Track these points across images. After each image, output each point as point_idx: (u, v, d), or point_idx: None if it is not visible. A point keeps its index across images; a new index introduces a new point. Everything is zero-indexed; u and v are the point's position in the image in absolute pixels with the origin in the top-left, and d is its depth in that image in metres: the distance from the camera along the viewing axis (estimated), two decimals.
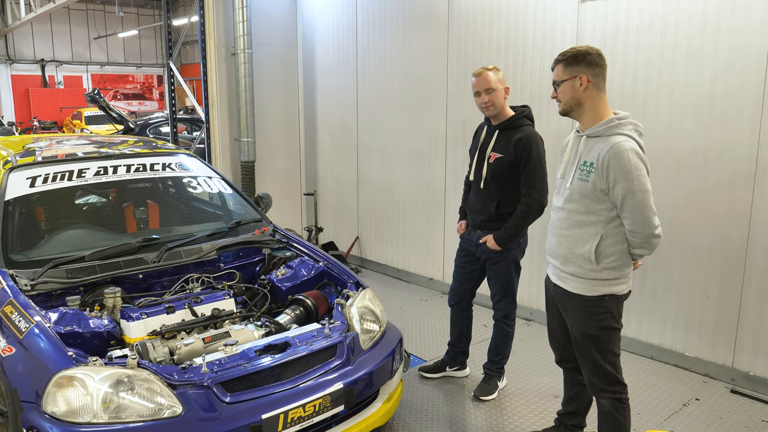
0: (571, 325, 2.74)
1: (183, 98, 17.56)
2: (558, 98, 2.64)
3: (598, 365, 2.67)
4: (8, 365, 2.58)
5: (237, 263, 3.67)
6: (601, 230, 2.55)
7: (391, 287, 5.91)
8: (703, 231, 3.84)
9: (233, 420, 2.46)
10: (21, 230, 3.40)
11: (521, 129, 3.41)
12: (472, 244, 3.64)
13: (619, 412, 2.70)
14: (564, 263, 2.68)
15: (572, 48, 2.61)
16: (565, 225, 2.67)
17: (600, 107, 2.57)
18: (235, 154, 6.57)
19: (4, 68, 22.93)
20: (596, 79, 2.54)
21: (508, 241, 3.44)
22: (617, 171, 2.43)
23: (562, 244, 2.68)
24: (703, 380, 3.90)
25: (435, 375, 3.97)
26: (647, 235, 2.48)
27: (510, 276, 3.59)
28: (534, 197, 3.36)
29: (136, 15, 25.53)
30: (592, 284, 2.60)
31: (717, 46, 3.65)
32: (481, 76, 3.38)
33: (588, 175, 2.54)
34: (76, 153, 3.95)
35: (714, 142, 3.72)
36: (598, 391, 2.72)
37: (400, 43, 5.72)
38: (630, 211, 2.45)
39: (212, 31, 6.33)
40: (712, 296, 3.86)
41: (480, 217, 3.57)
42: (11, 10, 19.81)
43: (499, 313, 3.69)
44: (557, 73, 2.60)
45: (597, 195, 2.53)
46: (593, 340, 2.65)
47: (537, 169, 3.35)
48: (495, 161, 3.43)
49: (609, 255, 2.56)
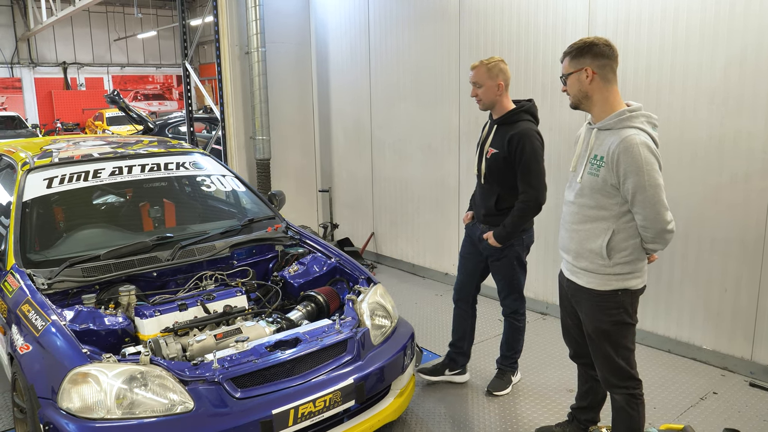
0: (584, 319, 2.71)
1: (202, 98, 17.72)
2: (567, 91, 2.61)
3: (611, 360, 2.63)
4: (26, 362, 2.65)
5: (250, 260, 3.71)
6: (612, 225, 2.50)
7: (407, 282, 5.92)
8: (719, 222, 3.78)
9: (244, 415, 2.50)
10: (38, 230, 3.47)
11: (516, 125, 3.33)
12: (475, 236, 3.60)
13: (633, 408, 2.65)
14: (576, 258, 2.65)
15: (580, 39, 2.55)
16: (576, 220, 2.63)
17: (610, 99, 2.51)
18: (251, 152, 6.62)
19: (27, 71, 23.36)
20: (603, 71, 2.48)
21: (507, 238, 3.39)
22: (627, 165, 2.37)
23: (574, 239, 2.65)
24: (721, 373, 3.85)
25: (434, 378, 3.84)
26: (659, 231, 2.43)
27: (513, 273, 3.54)
28: (530, 194, 3.30)
29: (155, 16, 25.79)
30: (605, 279, 2.55)
31: (731, 32, 3.57)
32: (473, 69, 3.35)
33: (598, 170, 2.49)
34: (92, 154, 4.02)
35: (729, 131, 3.66)
36: (611, 387, 2.69)
37: (412, 38, 5.71)
38: (641, 206, 2.40)
39: (226, 30, 6.38)
40: (729, 288, 3.80)
41: (482, 211, 3.53)
42: (33, 14, 20.18)
43: (507, 310, 3.66)
44: (564, 66, 2.57)
45: (607, 190, 2.48)
46: (606, 335, 2.61)
47: (532, 165, 3.27)
48: (491, 156, 3.38)
49: (621, 250, 2.51)
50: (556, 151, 4.60)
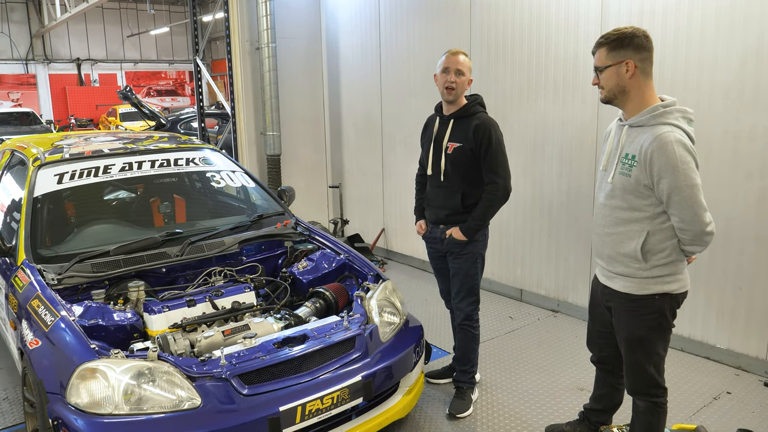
0: (617, 326, 2.58)
1: (214, 94, 17.77)
2: (600, 85, 2.44)
3: (641, 368, 2.51)
4: (35, 357, 2.66)
5: (259, 256, 3.70)
6: (647, 227, 2.37)
7: (417, 279, 5.90)
8: (734, 220, 3.71)
9: (251, 412, 2.49)
10: (49, 226, 3.49)
11: (477, 116, 3.29)
12: (437, 241, 3.46)
13: (655, 416, 2.56)
14: (610, 263, 2.52)
15: (616, 29, 2.38)
16: (608, 223, 2.50)
17: (646, 94, 2.37)
18: (261, 148, 6.63)
19: (42, 68, 23.55)
20: (644, 64, 2.34)
21: (476, 231, 3.30)
22: (662, 165, 2.24)
23: (607, 243, 2.52)
24: (735, 373, 3.79)
25: (441, 381, 3.80)
26: (698, 233, 2.28)
27: (473, 271, 3.39)
28: (498, 183, 3.24)
29: (168, 12, 25.88)
30: (642, 283, 2.42)
31: (748, 18, 3.48)
32: (456, 56, 3.28)
33: (630, 169, 2.36)
34: (102, 150, 4.03)
35: (745, 126, 3.59)
36: (636, 393, 2.59)
37: (423, 32, 5.67)
38: (678, 207, 2.27)
39: (236, 26, 6.38)
40: (744, 286, 3.74)
41: (444, 212, 3.39)
42: (47, 11, 20.34)
43: (461, 315, 3.45)
44: (600, 57, 2.40)
45: (640, 190, 2.35)
46: (640, 342, 2.49)
47: (498, 154, 3.23)
48: (454, 151, 3.30)
49: (659, 252, 2.38)
50: (568, 147, 4.55)
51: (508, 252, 5.18)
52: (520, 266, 5.12)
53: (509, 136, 3.72)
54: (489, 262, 3.67)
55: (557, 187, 4.68)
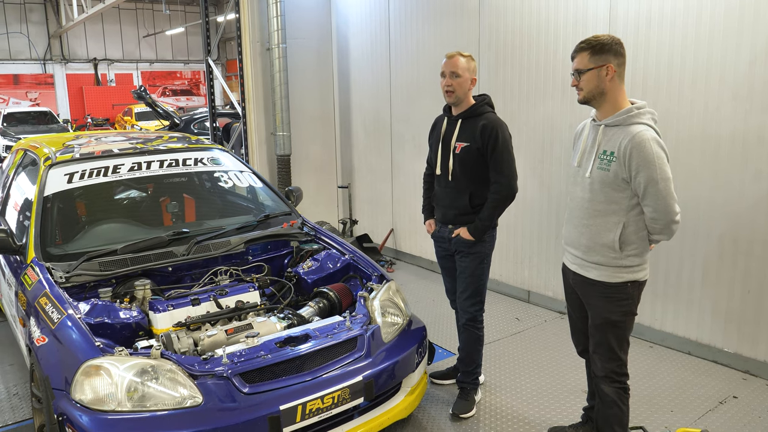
0: (592, 312, 2.75)
1: (227, 93, 17.89)
2: (579, 86, 2.62)
3: (613, 353, 2.69)
4: (42, 354, 2.71)
5: (265, 256, 3.73)
6: (623, 218, 2.57)
7: (426, 279, 5.90)
8: (742, 221, 3.68)
9: (252, 410, 2.51)
10: (58, 225, 3.54)
11: (484, 116, 3.29)
12: (445, 240, 3.47)
13: (624, 403, 2.73)
14: (587, 253, 2.69)
15: (594, 36, 2.59)
16: (586, 215, 2.68)
17: (620, 97, 2.58)
18: (272, 148, 6.66)
19: (59, 68, 23.87)
20: (620, 69, 2.55)
21: (483, 231, 3.30)
22: (640, 160, 2.45)
23: (584, 234, 2.69)
24: (742, 377, 3.75)
25: (446, 381, 3.80)
26: (668, 222, 2.50)
27: (480, 271, 3.39)
28: (503, 184, 3.24)
29: (183, 12, 26.12)
30: (616, 271, 2.61)
31: (757, 18, 3.45)
32: (451, 59, 3.27)
33: (609, 165, 2.55)
34: (112, 150, 4.08)
35: (753, 127, 3.55)
36: (606, 378, 2.73)
37: (432, 33, 5.67)
38: (652, 199, 2.47)
39: (247, 26, 6.42)
40: (752, 289, 3.70)
41: (452, 212, 3.40)
42: (65, 11, 20.60)
43: (465, 316, 3.45)
44: (582, 61, 2.58)
45: (618, 184, 2.54)
46: (613, 326, 2.67)
47: (504, 154, 3.23)
48: (462, 150, 3.30)
49: (632, 242, 2.58)
50: None
51: (515, 253, 5.16)
52: (528, 267, 5.11)
53: (517, 137, 3.72)
54: (497, 263, 3.67)
55: (565, 188, 4.66)
